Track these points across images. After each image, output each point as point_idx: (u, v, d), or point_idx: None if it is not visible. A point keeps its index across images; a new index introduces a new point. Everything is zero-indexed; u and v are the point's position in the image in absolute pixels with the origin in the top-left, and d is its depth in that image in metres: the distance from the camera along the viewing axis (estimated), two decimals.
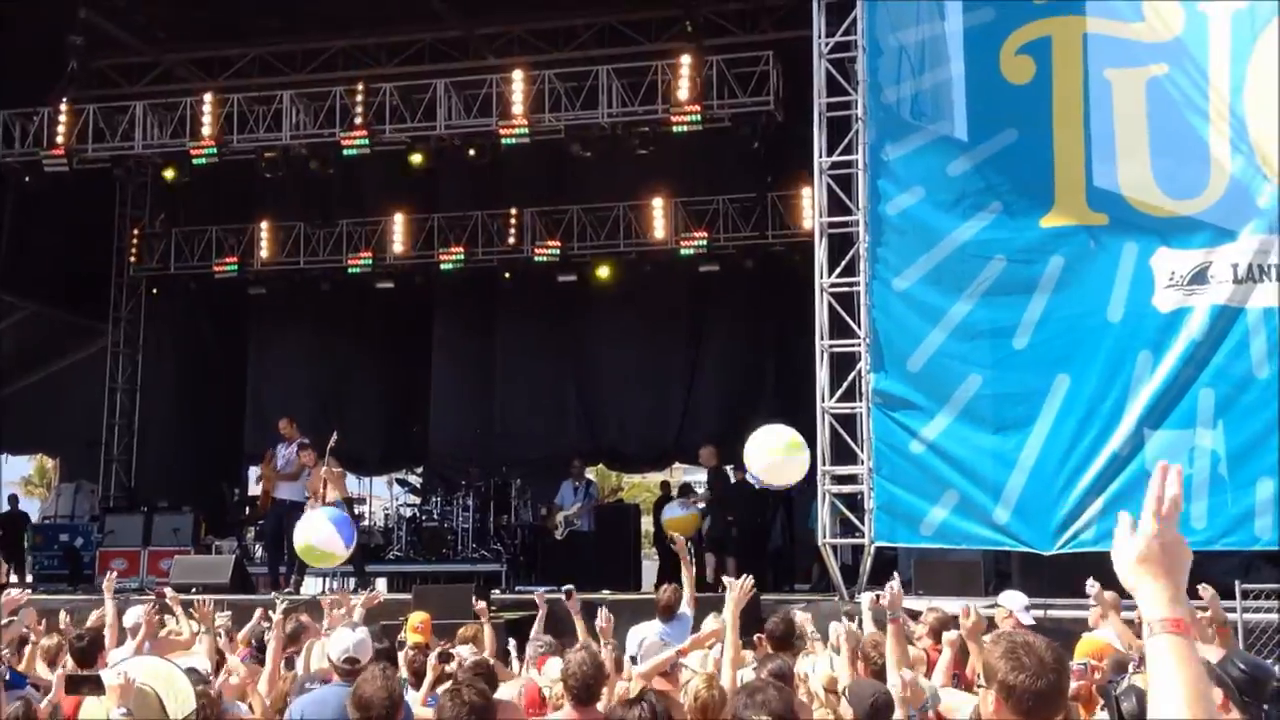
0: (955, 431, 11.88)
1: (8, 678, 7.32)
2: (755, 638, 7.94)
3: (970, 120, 12.16)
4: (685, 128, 15.80)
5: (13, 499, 20.15)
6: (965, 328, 11.95)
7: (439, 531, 17.03)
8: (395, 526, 17.80)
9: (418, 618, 8.90)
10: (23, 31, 16.89)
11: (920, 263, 12.14)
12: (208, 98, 17.24)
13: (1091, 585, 8.13)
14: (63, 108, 17.26)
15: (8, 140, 17.39)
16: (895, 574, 7.28)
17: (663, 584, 9.78)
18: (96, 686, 4.62)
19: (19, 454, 26.61)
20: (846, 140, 12.76)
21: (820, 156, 12.85)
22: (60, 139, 17.17)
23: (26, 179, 17.42)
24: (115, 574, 9.81)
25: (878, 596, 7.20)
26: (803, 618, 8.23)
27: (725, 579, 6.30)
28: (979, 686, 3.19)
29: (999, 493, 11.73)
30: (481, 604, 9.19)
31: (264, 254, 19.70)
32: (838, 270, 12.65)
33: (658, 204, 18.39)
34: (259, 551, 17.37)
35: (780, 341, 19.25)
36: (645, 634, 6.80)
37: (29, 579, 16.87)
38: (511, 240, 19.03)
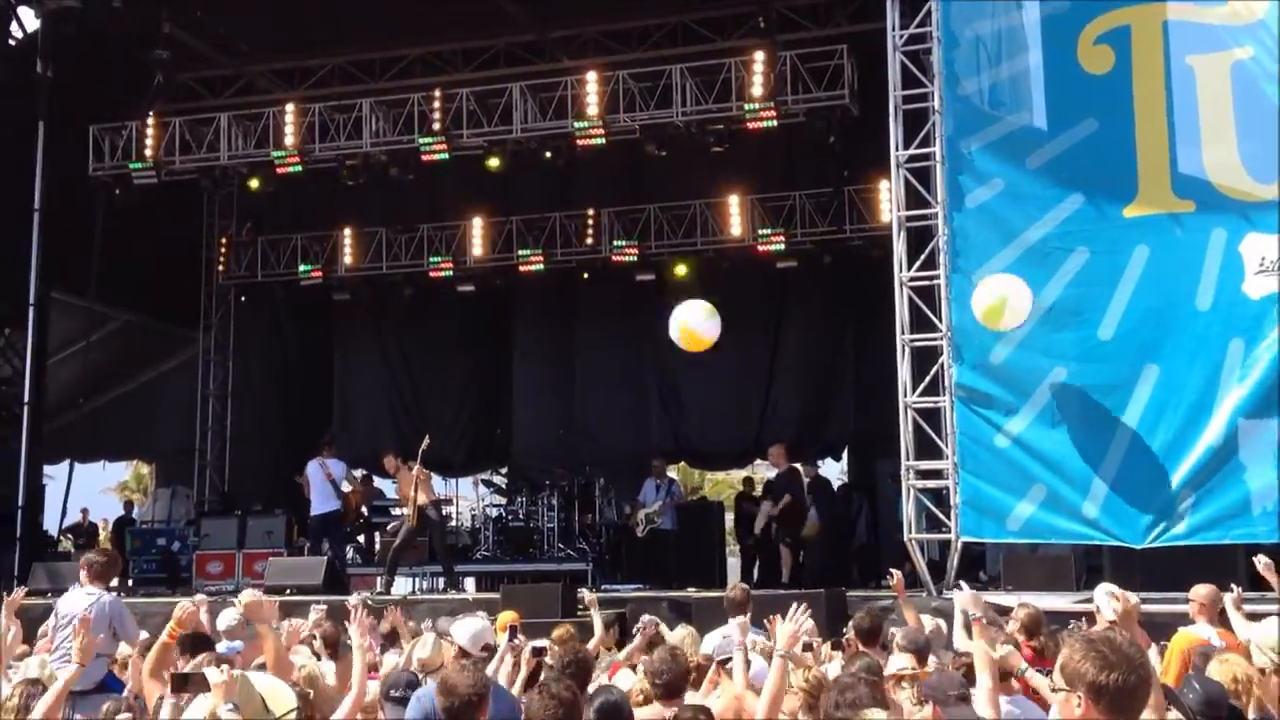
0: (1041, 425, 11.75)
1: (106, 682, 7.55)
2: (845, 638, 7.92)
3: (1049, 111, 12.03)
4: (760, 124, 15.77)
5: (128, 505, 20.89)
6: (1049, 320, 11.81)
7: (525, 531, 17.21)
8: (482, 527, 18.01)
9: (507, 616, 9.03)
10: (110, 48, 17.32)
11: (1001, 255, 12.01)
12: (289, 108, 17.54)
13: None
14: (150, 121, 17.68)
15: (98, 154, 17.82)
16: (961, 585, 7.15)
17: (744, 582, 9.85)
18: (201, 683, 4.71)
19: (117, 460, 27.37)
20: (924, 133, 12.67)
21: (897, 150, 12.77)
22: (148, 152, 17.59)
23: (117, 192, 17.84)
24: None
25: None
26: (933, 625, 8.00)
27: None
28: (1055, 690, 3.17)
29: (1087, 487, 11.58)
30: (591, 595, 9.51)
31: (347, 260, 20.02)
32: (917, 264, 12.57)
33: (734, 201, 18.41)
34: (350, 553, 17.72)
35: (860, 336, 19.18)
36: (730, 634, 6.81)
37: (129, 583, 17.29)
38: (589, 241, 19.15)
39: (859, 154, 16.76)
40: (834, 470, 21.29)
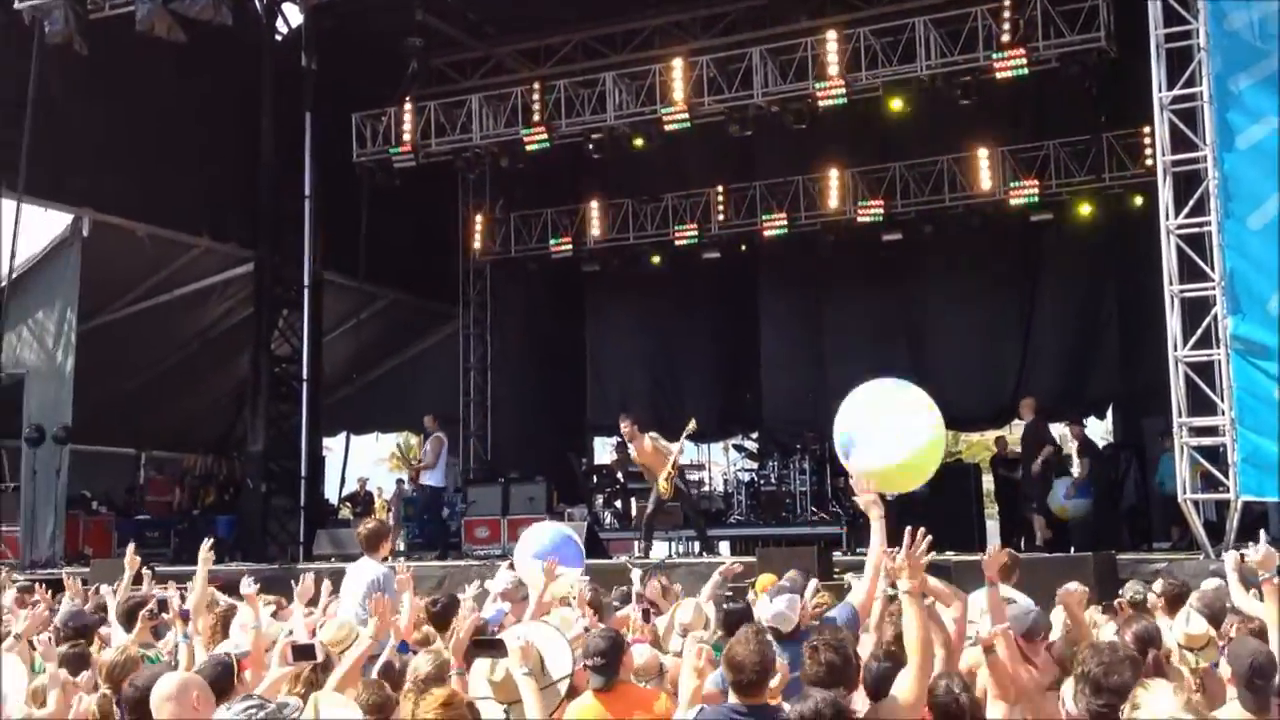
0: None
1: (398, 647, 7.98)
2: (1115, 603, 7.67)
3: None
4: (1010, 73, 15.24)
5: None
6: None
7: (777, 495, 17.27)
8: (734, 491, 18.16)
9: (765, 579, 9.12)
10: (367, 38, 18.19)
11: (1278, 197, 11.27)
12: (536, 86, 18.01)
13: None
14: (406, 107, 18.46)
15: (360, 141, 18.69)
16: (1262, 532, 6.82)
17: (1004, 546, 9.56)
18: (500, 650, 5.02)
19: (387, 431, 28.86)
20: (1189, 72, 11.99)
21: (1160, 91, 12.12)
22: (406, 136, 18.37)
23: (379, 176, 18.72)
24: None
25: (1242, 556, 6.80)
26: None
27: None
28: None
29: None
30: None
31: (595, 232, 20.49)
32: (1185, 211, 11.92)
33: (983, 154, 17.90)
34: (608, 519, 18.14)
35: (1122, 288, 18.41)
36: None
37: (402, 546, 18.20)
38: (833, 203, 18.97)
39: (1118, 98, 16.01)
40: (1099, 430, 20.48)
